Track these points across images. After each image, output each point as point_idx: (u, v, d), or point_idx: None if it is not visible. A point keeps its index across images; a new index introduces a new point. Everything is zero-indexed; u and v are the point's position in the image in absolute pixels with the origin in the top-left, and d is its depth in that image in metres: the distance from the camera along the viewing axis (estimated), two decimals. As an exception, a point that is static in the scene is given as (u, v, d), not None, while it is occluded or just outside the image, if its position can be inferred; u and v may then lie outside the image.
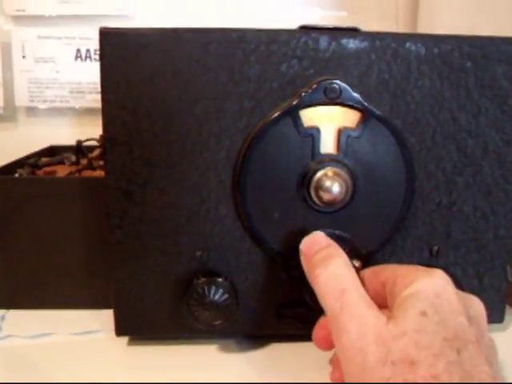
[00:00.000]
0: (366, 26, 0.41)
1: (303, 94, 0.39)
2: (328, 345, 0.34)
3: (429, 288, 0.29)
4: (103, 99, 0.39)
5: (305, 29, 0.39)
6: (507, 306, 0.46)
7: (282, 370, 0.40)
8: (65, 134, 0.73)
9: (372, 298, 0.32)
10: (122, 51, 0.38)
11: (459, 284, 0.41)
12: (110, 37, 0.38)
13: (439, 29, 0.68)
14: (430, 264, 0.42)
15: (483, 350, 0.28)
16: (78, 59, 0.73)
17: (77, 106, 0.74)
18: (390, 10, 0.77)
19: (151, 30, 0.38)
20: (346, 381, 0.29)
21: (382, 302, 0.32)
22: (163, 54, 0.38)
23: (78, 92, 0.73)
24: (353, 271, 0.33)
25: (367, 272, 0.35)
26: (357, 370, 0.28)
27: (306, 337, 0.43)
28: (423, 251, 0.43)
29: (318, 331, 0.35)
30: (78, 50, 0.72)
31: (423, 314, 0.28)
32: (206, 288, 0.39)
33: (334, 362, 0.34)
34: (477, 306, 0.31)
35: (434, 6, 0.73)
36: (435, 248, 0.43)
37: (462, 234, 0.43)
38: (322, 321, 0.36)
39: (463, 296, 0.31)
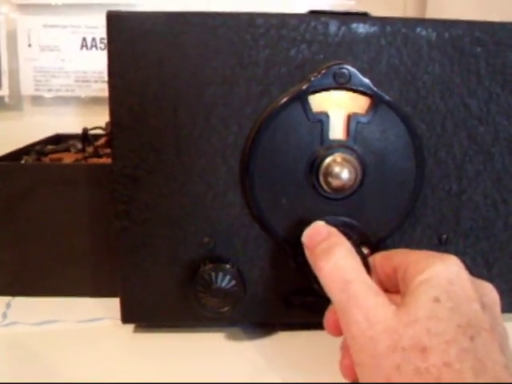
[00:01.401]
0: (374, 13, 0.40)
1: (312, 78, 0.38)
2: (339, 331, 0.33)
3: (442, 274, 0.29)
4: (110, 84, 0.39)
5: (314, 13, 0.39)
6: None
7: (290, 358, 0.40)
8: (70, 123, 0.73)
9: (383, 282, 0.31)
10: (129, 35, 0.38)
11: (469, 272, 0.41)
12: (117, 21, 0.38)
13: (448, 15, 0.67)
14: (439, 252, 0.42)
15: (497, 337, 0.27)
16: (84, 48, 0.72)
17: (82, 95, 0.74)
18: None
19: (159, 13, 0.38)
20: (357, 370, 0.29)
21: (393, 287, 0.31)
22: (171, 38, 0.38)
23: (83, 81, 0.73)
24: (356, 259, 0.32)
25: (378, 256, 0.34)
26: (368, 359, 0.28)
27: (314, 325, 0.43)
28: (432, 239, 0.42)
29: (328, 317, 0.35)
30: (84, 39, 0.72)
31: (436, 300, 0.28)
32: (212, 274, 0.38)
33: (344, 349, 0.34)
34: (490, 292, 0.31)
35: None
36: (444, 236, 0.42)
37: (472, 222, 0.43)
38: (332, 306, 0.35)
39: (477, 282, 0.30)
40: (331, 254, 0.32)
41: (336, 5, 0.73)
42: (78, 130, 0.62)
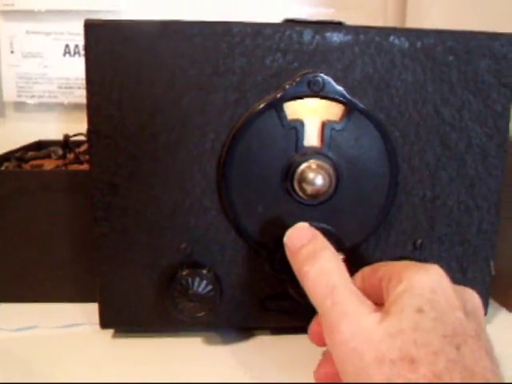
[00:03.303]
0: (354, 23, 0.41)
1: (287, 86, 0.39)
2: (323, 341, 0.33)
3: (424, 284, 0.29)
4: (88, 91, 0.39)
5: (289, 22, 0.40)
6: (491, 300, 0.46)
7: (267, 362, 0.40)
8: (53, 129, 0.73)
9: (370, 294, 0.31)
10: (106, 43, 0.38)
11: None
12: (94, 29, 0.38)
13: (427, 26, 0.68)
14: (413, 257, 0.43)
15: (483, 343, 0.28)
16: (67, 55, 0.73)
17: (65, 102, 0.74)
18: (378, 8, 0.77)
19: (136, 22, 0.38)
20: (342, 379, 0.28)
21: (380, 299, 0.31)
22: (148, 47, 0.38)
23: (66, 87, 0.73)
24: (341, 264, 0.32)
25: (367, 269, 0.34)
26: (353, 370, 0.27)
27: (290, 329, 0.43)
28: (407, 244, 0.43)
29: (313, 327, 0.34)
30: (67, 46, 0.73)
31: (419, 310, 0.27)
32: (189, 280, 0.39)
33: (326, 356, 0.34)
34: (473, 298, 0.31)
35: (422, 4, 0.74)
36: (419, 241, 0.43)
37: (446, 227, 0.43)
38: (318, 316, 0.34)
39: (459, 290, 0.30)
40: (316, 258, 0.32)
41: (316, 13, 0.74)
42: (61, 136, 0.63)
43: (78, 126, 0.64)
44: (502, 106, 0.42)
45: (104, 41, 0.38)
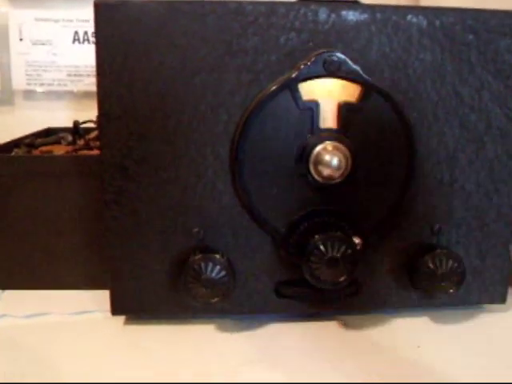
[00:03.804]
0: (369, 1, 0.40)
1: (302, 66, 0.38)
2: None
3: None
4: (98, 73, 0.38)
5: (304, 1, 0.39)
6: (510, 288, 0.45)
7: (280, 350, 0.40)
8: (62, 117, 0.72)
9: None
10: (116, 24, 0.37)
11: (461, 263, 0.41)
12: (104, 9, 0.37)
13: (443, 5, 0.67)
14: (431, 242, 0.42)
15: None
16: (76, 42, 0.72)
17: (75, 90, 0.73)
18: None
19: (147, 2, 0.38)
20: None
21: None
22: (159, 27, 0.37)
23: (75, 75, 0.73)
24: None
25: None
26: None
27: (305, 316, 0.42)
28: (424, 229, 0.42)
29: None
30: (76, 33, 0.72)
31: None
32: (202, 264, 0.38)
33: None
34: None
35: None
36: (437, 226, 0.42)
37: (464, 212, 0.42)
38: None
39: None
40: None
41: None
42: (70, 125, 0.62)
43: (87, 114, 0.63)
44: (523, 86, 0.41)
45: (114, 21, 0.37)
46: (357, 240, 0.39)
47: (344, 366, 0.37)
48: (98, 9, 0.38)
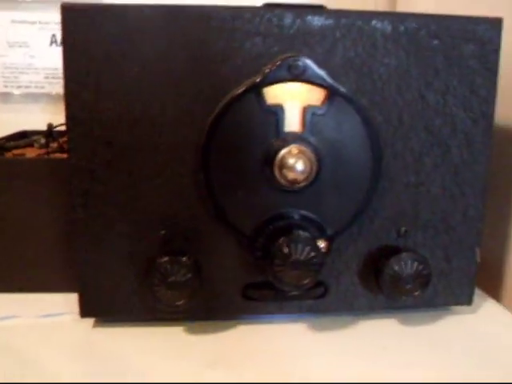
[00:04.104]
0: (344, 8, 0.40)
1: (267, 70, 0.38)
2: None
3: None
4: (65, 77, 0.38)
5: (269, 6, 0.39)
6: (476, 289, 0.46)
7: (247, 351, 0.40)
8: (39, 120, 0.71)
9: None
10: (82, 28, 0.37)
11: (427, 266, 0.41)
12: (71, 13, 0.38)
13: (418, 10, 0.67)
14: (397, 245, 0.42)
15: None
16: (53, 44, 0.72)
17: (52, 92, 0.73)
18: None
19: (113, 6, 0.38)
20: None
21: None
22: (123, 32, 0.37)
23: (53, 78, 0.73)
24: None
25: None
26: None
27: (272, 318, 0.43)
28: (391, 232, 0.42)
29: None
30: (53, 35, 0.72)
31: None
32: (168, 267, 0.38)
33: None
34: None
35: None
36: (403, 229, 0.42)
37: (430, 214, 0.43)
38: None
39: None
40: None
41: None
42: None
43: (64, 117, 0.63)
44: (487, 90, 0.41)
45: (81, 26, 0.37)
46: (322, 243, 0.39)
47: (309, 367, 0.38)
48: (64, 12, 0.38)
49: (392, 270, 0.40)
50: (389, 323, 0.44)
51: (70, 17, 0.38)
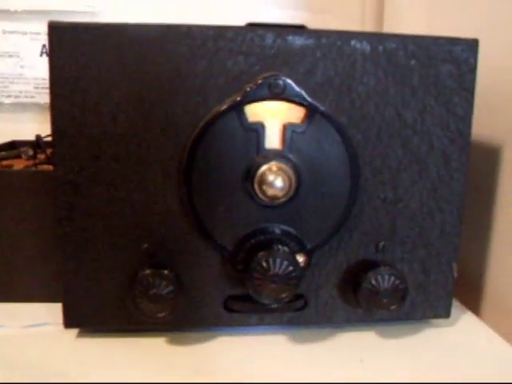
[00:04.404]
0: (331, 27, 0.41)
1: (248, 89, 0.39)
2: None
3: None
4: (51, 92, 0.39)
5: (252, 25, 0.40)
6: (454, 302, 0.47)
7: (228, 362, 0.41)
8: (29, 129, 0.72)
9: None
10: (69, 46, 0.38)
11: (403, 280, 0.42)
12: (58, 31, 0.38)
13: (405, 30, 0.69)
14: (376, 260, 0.43)
15: None
16: (44, 55, 0.73)
17: (42, 102, 0.74)
18: (356, 12, 0.78)
19: (99, 25, 0.39)
20: None
21: None
22: (110, 50, 0.38)
23: (43, 88, 0.73)
24: None
25: None
26: None
27: (253, 330, 0.44)
28: (369, 247, 0.43)
29: None
30: (44, 46, 0.73)
31: None
32: (150, 280, 0.39)
33: None
34: None
35: (399, 8, 0.74)
36: (381, 244, 0.43)
37: (408, 230, 0.44)
38: None
39: None
40: None
41: (293, 16, 0.74)
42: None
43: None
44: (464, 110, 0.42)
45: (67, 43, 0.38)
46: (300, 258, 0.40)
47: (289, 378, 0.39)
48: (51, 30, 0.39)
49: (370, 284, 0.41)
50: (367, 336, 0.45)
51: (57, 35, 0.38)
